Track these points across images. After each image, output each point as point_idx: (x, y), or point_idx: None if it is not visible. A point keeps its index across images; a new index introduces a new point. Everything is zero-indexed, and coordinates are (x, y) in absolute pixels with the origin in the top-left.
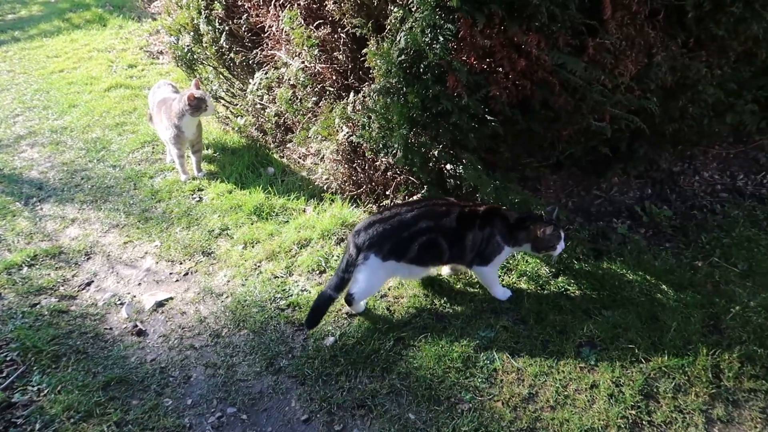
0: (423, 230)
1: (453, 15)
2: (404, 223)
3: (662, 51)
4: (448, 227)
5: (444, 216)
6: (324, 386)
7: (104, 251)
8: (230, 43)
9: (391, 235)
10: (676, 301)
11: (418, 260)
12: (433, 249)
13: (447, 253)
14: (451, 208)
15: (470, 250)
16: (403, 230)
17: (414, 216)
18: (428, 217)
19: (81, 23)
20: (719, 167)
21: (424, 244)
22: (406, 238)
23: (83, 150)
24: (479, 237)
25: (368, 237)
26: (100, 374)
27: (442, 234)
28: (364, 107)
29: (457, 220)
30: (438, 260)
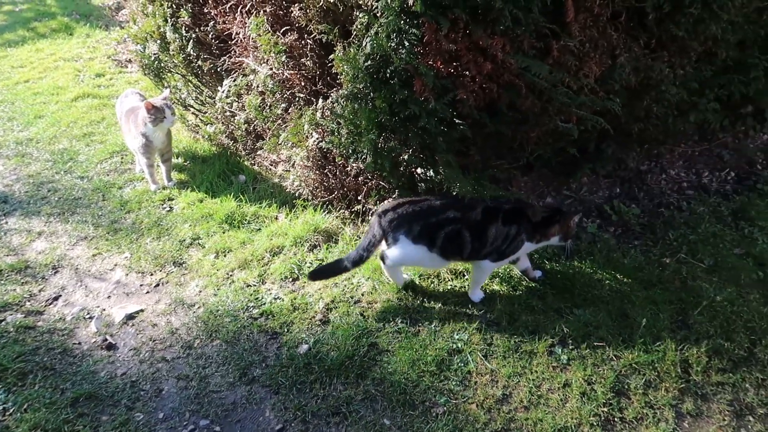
0: (450, 220)
1: (417, 20)
2: (433, 209)
3: (625, 52)
4: (473, 220)
5: (470, 209)
6: (298, 394)
7: (72, 264)
8: (198, 51)
9: (420, 218)
10: (645, 298)
11: (442, 250)
12: (457, 240)
13: (469, 247)
14: (477, 203)
15: (490, 244)
16: (431, 216)
17: (443, 204)
18: (456, 207)
19: (47, 32)
20: (685, 165)
21: (448, 234)
22: (434, 224)
23: (50, 161)
24: (502, 232)
25: (396, 216)
26: (68, 390)
27: (467, 226)
28: (333, 113)
29: (482, 214)
30: (459, 255)
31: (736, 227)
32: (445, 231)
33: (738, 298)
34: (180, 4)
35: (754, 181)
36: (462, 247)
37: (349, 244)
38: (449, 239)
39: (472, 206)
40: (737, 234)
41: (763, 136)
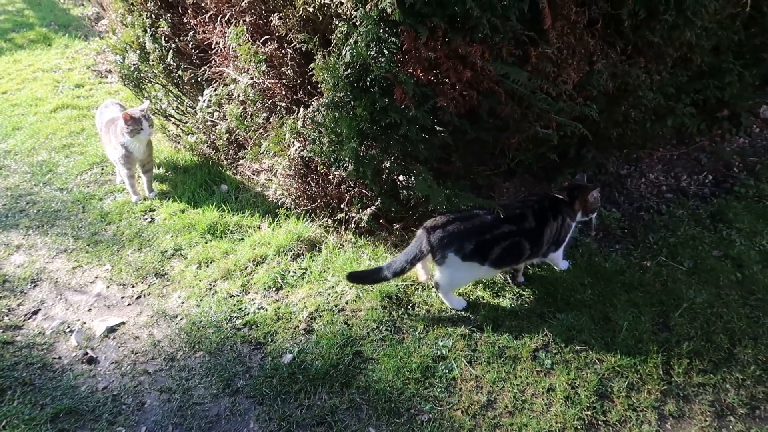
0: (506, 234)
1: (396, 28)
2: (486, 225)
3: (602, 58)
4: (529, 229)
5: (523, 219)
6: (283, 405)
7: (52, 278)
8: (178, 61)
9: (472, 235)
10: (626, 301)
11: (498, 263)
12: (515, 251)
13: (527, 253)
14: (525, 209)
15: (546, 242)
16: (484, 232)
17: (495, 218)
18: (510, 221)
19: (24, 43)
20: (664, 169)
21: (506, 248)
22: (488, 241)
23: (28, 174)
24: (554, 227)
25: (446, 234)
26: (48, 406)
27: (525, 237)
28: (314, 122)
29: (535, 219)
30: (515, 262)
31: (715, 229)
32: (502, 246)
33: (717, 300)
34: (159, 14)
35: (731, 183)
36: (520, 255)
37: (333, 252)
38: (507, 252)
39: (523, 215)
40: (715, 236)
41: (738, 139)
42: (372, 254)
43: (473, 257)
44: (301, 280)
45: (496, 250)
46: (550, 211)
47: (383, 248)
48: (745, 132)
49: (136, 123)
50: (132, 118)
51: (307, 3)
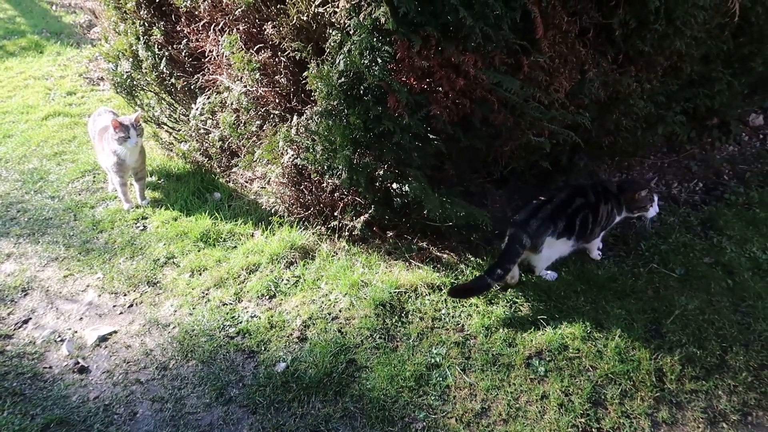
0: (579, 207)
1: (390, 37)
2: (564, 202)
3: (594, 67)
4: (593, 203)
5: (586, 193)
6: (276, 414)
7: (43, 286)
8: (171, 69)
9: (559, 213)
10: (619, 308)
11: (580, 235)
12: (586, 224)
13: (590, 228)
14: (587, 188)
15: (597, 222)
16: (566, 207)
17: (568, 195)
18: (579, 193)
19: (16, 50)
20: (655, 176)
21: (582, 220)
22: (570, 215)
23: (19, 182)
24: (605, 211)
25: (540, 223)
26: (38, 416)
27: (591, 210)
28: (308, 130)
29: (595, 196)
30: (583, 238)
31: (706, 237)
32: (579, 218)
33: (709, 307)
34: (152, 23)
35: (722, 191)
36: (587, 231)
37: (326, 260)
38: (582, 225)
39: (586, 190)
40: (706, 243)
41: (728, 147)
42: (365, 262)
43: (564, 234)
44: (294, 288)
45: (576, 223)
46: (604, 196)
47: (377, 256)
48: (734, 140)
49: (124, 130)
50: (121, 125)
51: (301, 12)
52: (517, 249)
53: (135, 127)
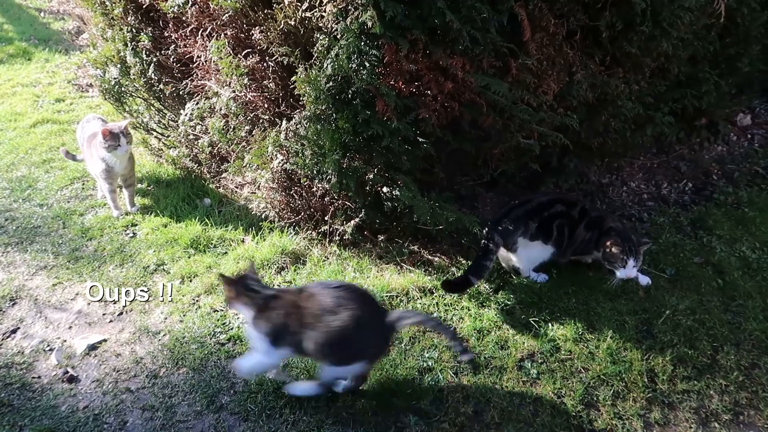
0: (558, 213)
1: (377, 41)
2: (542, 205)
3: (582, 69)
4: (573, 218)
5: (573, 206)
6: (268, 421)
7: (31, 295)
8: (159, 75)
9: (533, 215)
10: (610, 309)
11: (557, 243)
12: (562, 233)
13: (566, 242)
14: (577, 203)
15: (571, 245)
16: (543, 211)
17: (549, 200)
18: (564, 202)
19: (3, 58)
20: (645, 177)
21: (559, 227)
22: (546, 218)
23: (7, 190)
24: (582, 236)
25: (511, 223)
26: (27, 427)
27: (568, 222)
28: (297, 134)
29: (580, 215)
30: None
31: (695, 237)
32: (556, 224)
33: (699, 306)
34: (140, 29)
35: (711, 191)
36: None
37: (317, 265)
38: (559, 231)
39: (575, 204)
40: (696, 243)
41: (717, 147)
42: (357, 266)
43: (537, 237)
44: None
45: (552, 228)
46: (589, 222)
47: (368, 260)
48: (722, 140)
49: (114, 139)
50: (111, 134)
51: (288, 17)
52: (490, 247)
53: (125, 135)
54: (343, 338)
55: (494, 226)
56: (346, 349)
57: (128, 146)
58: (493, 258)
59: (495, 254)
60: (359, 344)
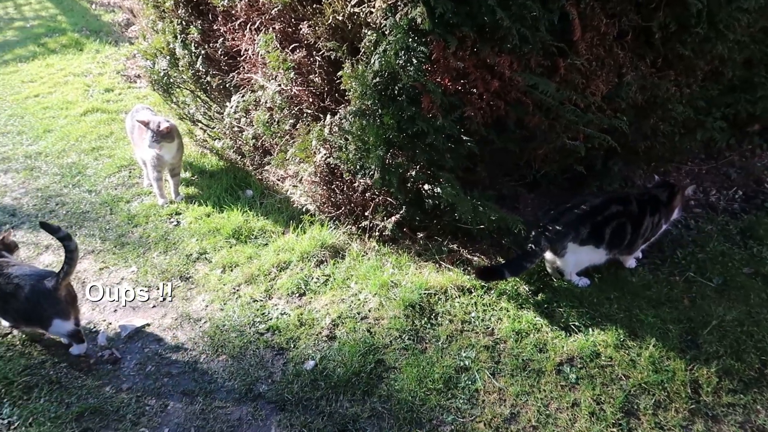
0: (615, 214)
1: (426, 38)
2: (595, 208)
3: (632, 71)
4: (633, 212)
5: (628, 201)
6: (304, 411)
7: (79, 278)
8: (207, 67)
9: (585, 219)
10: (654, 316)
11: (610, 245)
12: (621, 234)
13: (628, 240)
14: (630, 197)
15: (642, 235)
16: (596, 214)
17: (603, 201)
18: (618, 201)
19: (57, 48)
20: (692, 183)
21: (615, 229)
22: (600, 222)
23: (58, 175)
24: (650, 223)
25: (562, 227)
26: (73, 405)
27: (630, 218)
28: (341, 129)
29: (638, 206)
30: (617, 247)
31: (745, 246)
32: (611, 227)
33: (748, 318)
34: (190, 21)
35: (762, 199)
36: (623, 240)
37: (356, 260)
38: (615, 234)
39: (629, 199)
40: (746, 253)
41: None
42: (395, 262)
43: (589, 242)
44: (324, 286)
45: (606, 232)
46: (651, 206)
47: (407, 257)
48: None
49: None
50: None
51: (337, 12)
52: (535, 250)
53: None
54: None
55: (542, 229)
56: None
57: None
58: (535, 261)
59: (538, 258)
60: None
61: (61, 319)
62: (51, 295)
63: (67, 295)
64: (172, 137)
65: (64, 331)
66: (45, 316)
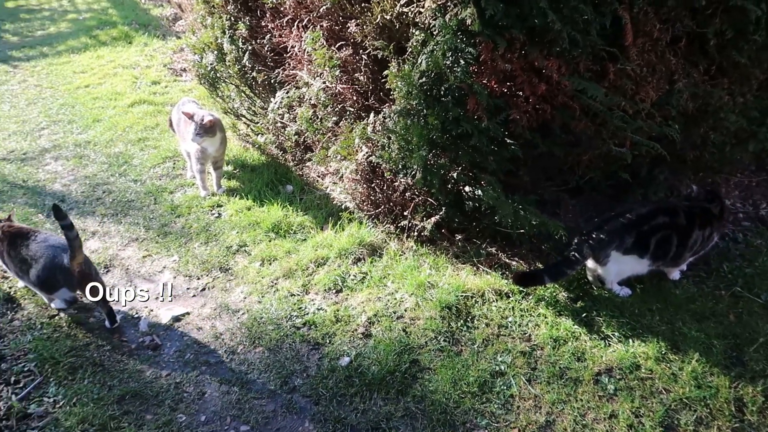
0: (661, 225)
1: (474, 39)
2: (641, 217)
3: (684, 78)
4: (681, 224)
5: (676, 213)
6: (338, 407)
7: (123, 265)
8: (253, 63)
9: (630, 228)
10: (697, 330)
11: (654, 256)
12: (667, 245)
13: (674, 250)
14: (678, 208)
15: (690, 248)
16: (642, 223)
17: (650, 211)
18: (665, 212)
19: (107, 40)
20: (741, 195)
21: (660, 240)
22: (645, 232)
23: (105, 164)
24: (699, 236)
25: (605, 234)
26: (115, 387)
27: (676, 231)
28: (384, 128)
29: (687, 218)
30: (662, 259)
31: None
32: (656, 238)
33: None
34: (238, 17)
35: None
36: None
37: (394, 259)
38: (659, 245)
39: (677, 210)
40: None
41: None
42: (433, 263)
43: (633, 251)
44: (361, 284)
45: (651, 243)
46: (701, 219)
47: (444, 258)
48: None
49: (209, 131)
50: (213, 124)
51: (385, 11)
52: (577, 258)
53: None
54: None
55: (585, 237)
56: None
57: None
58: (576, 269)
59: (580, 265)
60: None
61: (68, 289)
62: (65, 270)
63: (80, 273)
64: (215, 131)
65: (66, 297)
66: (57, 286)
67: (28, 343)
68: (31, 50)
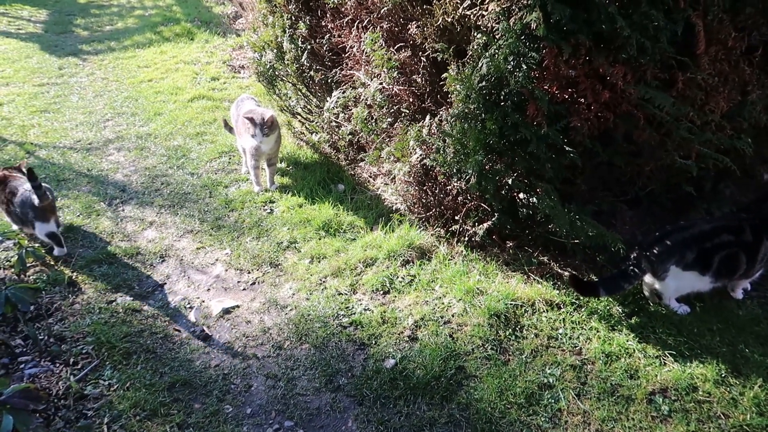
0: (725, 244)
1: (538, 44)
2: (704, 234)
3: (758, 89)
4: (746, 241)
5: (740, 230)
6: (382, 409)
7: (178, 255)
8: (311, 62)
9: (691, 244)
10: (761, 354)
11: (717, 274)
12: (732, 263)
13: (743, 267)
14: (742, 224)
15: (760, 261)
16: (704, 240)
17: (713, 228)
18: (728, 230)
19: (171, 36)
20: None
21: (724, 258)
22: (708, 249)
23: (165, 156)
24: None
25: (665, 248)
26: (166, 375)
27: (743, 248)
28: (440, 131)
29: (752, 233)
30: (730, 276)
31: None
32: (720, 256)
33: None
34: (299, 17)
35: None
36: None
37: (443, 263)
38: (724, 263)
39: (742, 226)
40: None
41: None
42: (482, 269)
43: (693, 267)
44: (408, 286)
45: (714, 260)
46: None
47: (495, 265)
48: None
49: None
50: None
51: (447, 13)
52: (635, 272)
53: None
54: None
55: (644, 251)
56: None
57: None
58: (633, 283)
59: (637, 280)
60: None
61: (41, 222)
62: (34, 205)
63: (48, 206)
64: (274, 127)
65: (46, 231)
66: (29, 219)
67: (87, 326)
68: (100, 44)
